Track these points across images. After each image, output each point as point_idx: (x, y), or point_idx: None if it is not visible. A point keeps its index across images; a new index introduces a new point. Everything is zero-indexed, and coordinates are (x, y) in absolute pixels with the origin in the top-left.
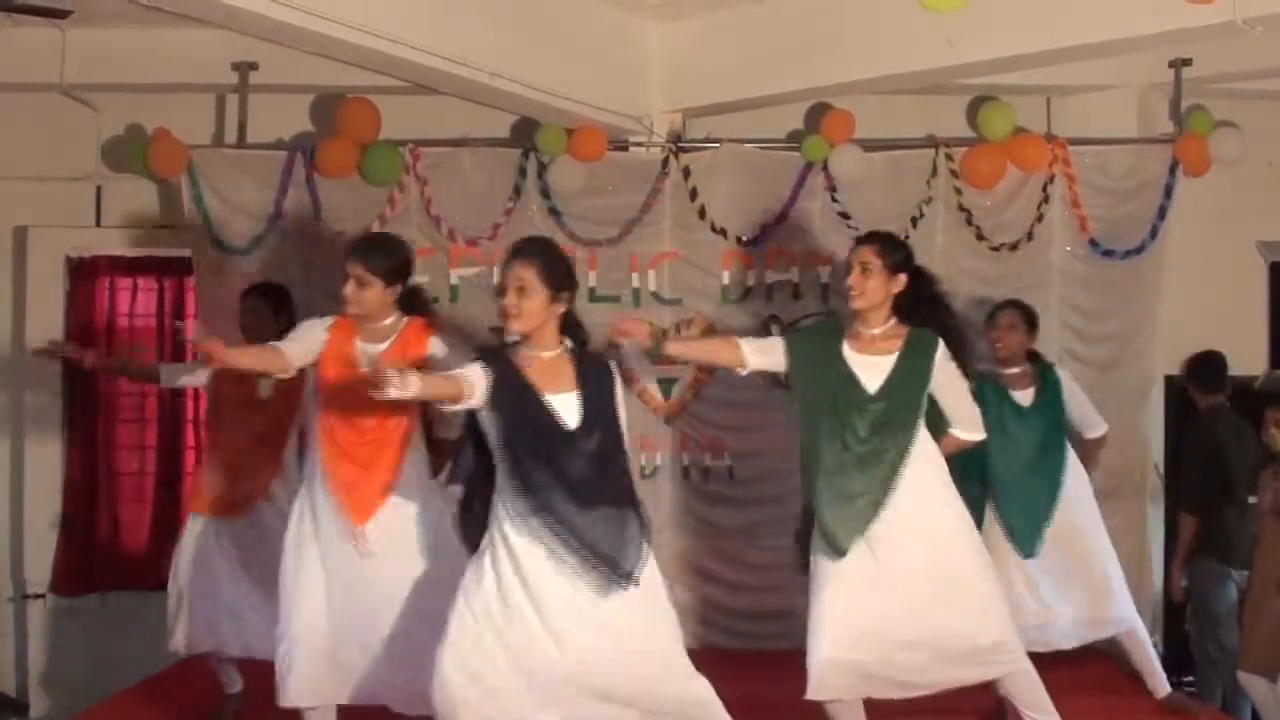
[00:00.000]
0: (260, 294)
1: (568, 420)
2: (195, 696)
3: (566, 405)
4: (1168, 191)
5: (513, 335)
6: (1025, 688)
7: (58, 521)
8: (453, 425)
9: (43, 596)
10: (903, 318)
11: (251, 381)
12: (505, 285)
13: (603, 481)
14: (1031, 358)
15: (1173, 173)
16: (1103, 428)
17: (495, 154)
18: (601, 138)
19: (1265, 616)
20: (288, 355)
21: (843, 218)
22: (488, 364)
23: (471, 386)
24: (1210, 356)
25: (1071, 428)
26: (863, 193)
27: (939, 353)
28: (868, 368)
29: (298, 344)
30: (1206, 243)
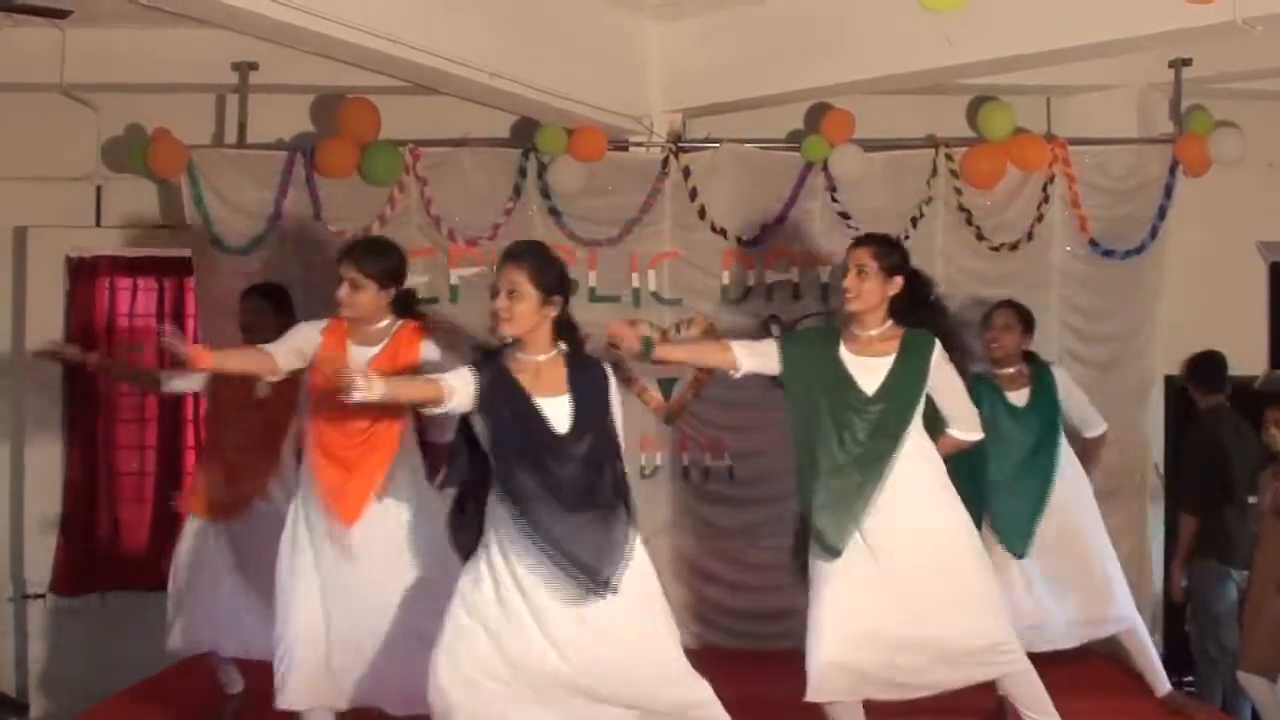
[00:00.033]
0: (260, 294)
1: (558, 424)
2: (195, 696)
3: (557, 409)
4: (1168, 191)
5: (505, 338)
6: (1025, 688)
7: (58, 521)
8: (444, 429)
9: (43, 596)
10: (899, 320)
11: (249, 383)
12: (497, 288)
13: (593, 487)
14: (1027, 358)
15: (1173, 173)
16: (1102, 427)
17: (495, 154)
18: (601, 138)
19: (1265, 616)
20: (277, 358)
21: (843, 218)
22: (479, 367)
23: (452, 390)
24: (1210, 356)
25: (1072, 427)
26: (863, 193)
27: (936, 353)
28: (865, 370)
29: (289, 346)
30: (1206, 243)
